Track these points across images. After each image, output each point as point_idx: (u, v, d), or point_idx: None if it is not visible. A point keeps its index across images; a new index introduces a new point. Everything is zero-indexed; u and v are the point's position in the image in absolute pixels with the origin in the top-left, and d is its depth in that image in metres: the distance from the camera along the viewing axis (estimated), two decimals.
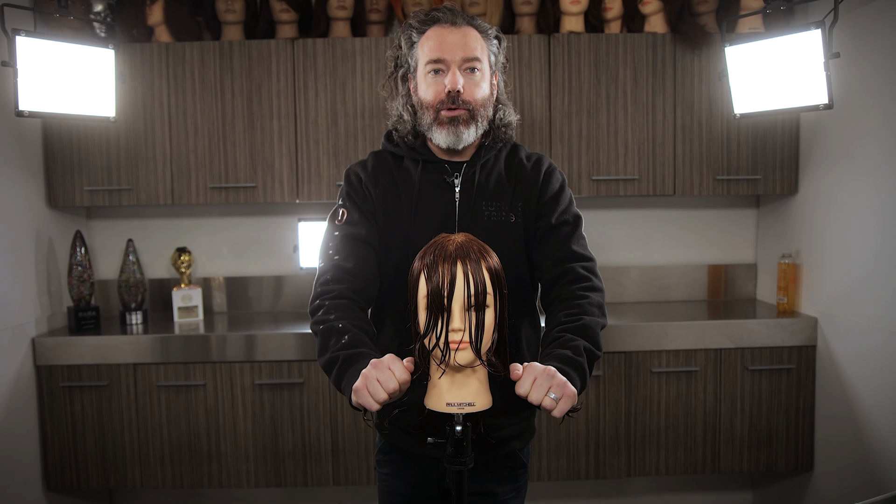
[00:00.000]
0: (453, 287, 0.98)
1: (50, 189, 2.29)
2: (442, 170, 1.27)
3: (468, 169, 1.27)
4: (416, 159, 1.28)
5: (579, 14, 2.26)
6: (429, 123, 1.24)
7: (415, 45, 1.26)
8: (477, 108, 1.23)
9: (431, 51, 1.22)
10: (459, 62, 1.21)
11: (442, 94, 1.21)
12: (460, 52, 1.21)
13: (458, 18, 1.23)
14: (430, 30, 1.24)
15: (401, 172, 1.29)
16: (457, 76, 1.20)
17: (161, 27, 2.27)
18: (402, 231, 1.24)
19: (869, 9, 1.94)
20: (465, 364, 1.00)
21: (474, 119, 1.23)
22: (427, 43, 1.23)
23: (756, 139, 2.31)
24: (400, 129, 1.29)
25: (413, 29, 1.26)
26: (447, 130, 1.22)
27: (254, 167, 2.29)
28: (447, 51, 1.21)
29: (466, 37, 1.22)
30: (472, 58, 1.21)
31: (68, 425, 2.18)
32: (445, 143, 1.23)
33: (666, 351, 2.21)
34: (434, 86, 1.22)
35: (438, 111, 1.22)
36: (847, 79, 1.99)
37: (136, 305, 2.36)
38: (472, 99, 1.22)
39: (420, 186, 1.26)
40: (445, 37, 1.21)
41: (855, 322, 2.06)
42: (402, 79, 1.30)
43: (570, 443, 2.23)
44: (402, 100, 1.30)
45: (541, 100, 2.27)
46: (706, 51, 2.26)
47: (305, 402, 2.20)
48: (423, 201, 1.25)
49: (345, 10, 2.27)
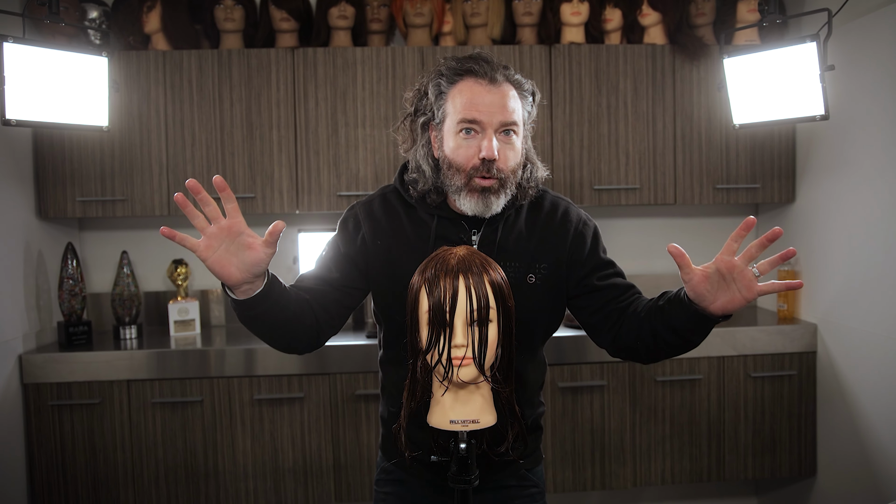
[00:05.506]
0: (455, 301, 0.95)
1: (40, 200, 2.22)
2: (459, 227, 1.18)
3: (488, 227, 1.18)
4: (431, 214, 1.19)
5: (580, 25, 2.28)
6: (458, 187, 1.14)
7: (444, 96, 1.15)
8: (508, 175, 1.14)
9: (465, 109, 1.11)
10: (496, 126, 1.11)
11: (474, 158, 1.11)
12: (498, 115, 1.10)
13: (496, 74, 1.12)
14: (463, 82, 1.13)
15: (413, 223, 1.20)
16: (493, 143, 1.10)
17: (158, 35, 2.23)
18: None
19: (861, 22, 2.00)
20: (468, 380, 0.97)
21: (504, 188, 1.14)
22: (460, 98, 1.12)
23: (754, 149, 2.35)
24: (420, 184, 1.19)
25: (443, 77, 1.15)
26: (477, 199, 1.13)
27: (253, 177, 2.25)
28: (484, 112, 1.10)
29: (504, 97, 1.11)
30: (511, 122, 1.12)
31: (57, 446, 2.09)
32: (472, 211, 1.14)
33: (669, 359, 2.21)
34: (466, 148, 1.12)
35: (471, 177, 1.12)
36: (841, 89, 2.04)
37: (131, 320, 2.29)
38: (505, 167, 1.13)
39: (436, 242, 1.17)
40: (483, 96, 1.11)
41: (853, 328, 2.09)
42: (421, 126, 1.20)
43: (575, 454, 2.21)
44: (423, 150, 1.19)
45: (542, 110, 2.28)
46: (704, 62, 2.29)
47: (306, 417, 2.14)
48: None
49: (346, 20, 2.26)
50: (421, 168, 1.19)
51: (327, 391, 2.14)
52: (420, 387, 1.02)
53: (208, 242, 0.99)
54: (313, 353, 2.08)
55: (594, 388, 2.20)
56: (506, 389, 1.02)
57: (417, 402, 1.03)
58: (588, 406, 2.20)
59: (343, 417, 2.15)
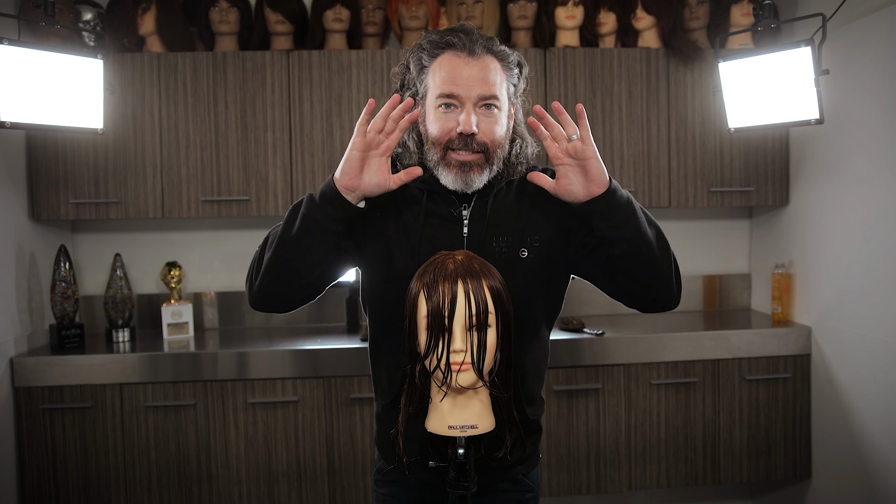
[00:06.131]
0: (454, 307, 0.95)
1: (33, 202, 2.20)
2: (449, 201, 1.16)
3: (479, 201, 1.16)
4: (420, 189, 1.17)
5: (574, 29, 2.29)
6: (435, 161, 1.13)
7: (425, 70, 1.13)
8: (493, 149, 1.11)
9: (444, 83, 1.09)
10: (475, 99, 1.09)
11: (452, 131, 1.10)
12: (476, 89, 1.08)
13: (476, 46, 1.10)
14: (444, 56, 1.11)
15: (405, 200, 1.17)
16: (471, 116, 1.08)
17: (153, 37, 2.22)
18: (404, 264, 1.13)
19: (854, 26, 2.01)
20: (466, 386, 0.97)
21: (489, 162, 1.12)
22: (439, 72, 1.11)
23: (748, 152, 2.35)
24: (405, 158, 1.18)
25: (424, 51, 1.13)
26: (456, 174, 1.11)
27: (247, 180, 2.24)
28: (462, 85, 1.08)
29: (485, 70, 1.09)
30: (490, 95, 1.09)
31: (48, 450, 2.07)
32: (453, 186, 1.13)
33: (664, 362, 2.21)
34: (444, 122, 1.10)
35: (447, 150, 1.11)
36: (833, 92, 2.05)
37: (124, 322, 2.27)
38: (487, 140, 1.10)
39: (426, 218, 1.15)
40: (461, 69, 1.09)
41: (847, 331, 2.09)
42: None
43: (570, 457, 2.21)
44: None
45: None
46: (698, 65, 2.30)
47: (300, 420, 2.13)
48: (429, 234, 1.15)
49: (341, 23, 2.26)
50: (406, 143, 1.18)
51: (322, 394, 2.13)
52: (418, 392, 1.01)
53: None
54: (308, 355, 2.11)
55: (589, 392, 2.19)
56: (504, 395, 1.01)
57: (416, 407, 1.02)
58: (583, 409, 2.20)
59: (337, 421, 2.14)
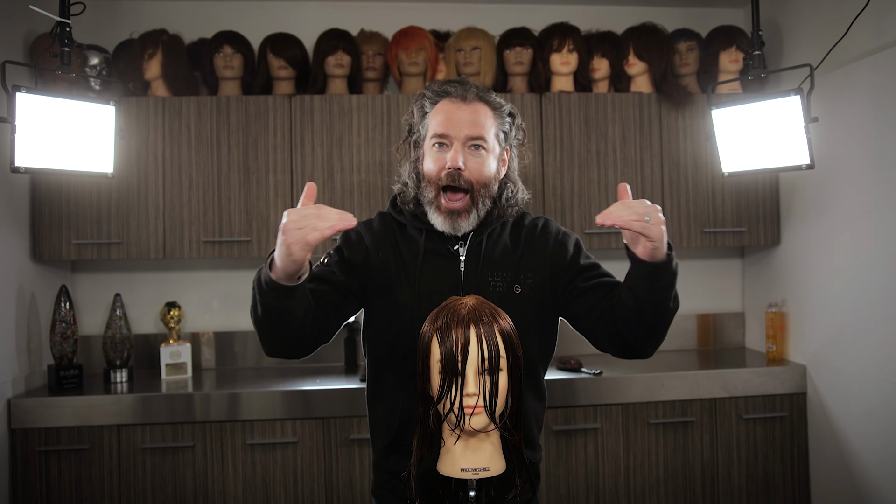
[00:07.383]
0: (467, 351, 0.98)
1: (35, 242, 2.22)
2: (446, 239, 1.26)
3: (474, 238, 1.26)
4: (419, 228, 1.28)
5: (569, 74, 2.36)
6: (429, 200, 1.24)
7: (426, 116, 1.27)
8: (478, 188, 1.22)
9: (438, 125, 1.23)
10: (464, 139, 1.21)
11: (444, 169, 1.21)
12: (466, 130, 1.21)
13: (468, 94, 1.23)
14: (441, 102, 1.25)
15: (405, 239, 1.28)
16: (458, 154, 1.20)
17: (158, 81, 2.27)
18: (405, 299, 1.22)
19: (839, 73, 2.09)
20: (479, 428, 0.99)
21: (474, 204, 1.22)
22: (436, 116, 1.24)
23: (739, 194, 2.41)
24: (403, 195, 1.30)
25: (426, 99, 1.27)
26: (444, 218, 1.22)
27: (249, 221, 2.27)
28: (453, 127, 1.21)
29: (475, 114, 1.22)
30: (477, 136, 1.22)
31: (42, 493, 2.04)
32: (442, 228, 1.24)
33: (662, 402, 2.22)
34: (437, 161, 1.22)
35: (440, 190, 1.22)
36: (821, 136, 2.11)
37: (122, 363, 2.27)
38: (473, 179, 1.21)
39: (425, 255, 1.25)
40: (454, 112, 1.22)
41: (841, 369, 2.12)
42: (413, 145, 1.32)
43: (570, 498, 2.20)
44: (410, 165, 1.31)
45: (533, 155, 2.33)
46: (689, 109, 2.37)
47: (299, 462, 2.12)
48: (428, 271, 1.24)
49: (342, 68, 2.32)
50: (406, 183, 1.30)
51: (321, 435, 2.12)
52: (429, 434, 1.02)
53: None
54: (307, 395, 2.11)
55: (588, 431, 2.20)
56: (515, 437, 1.03)
57: (428, 450, 1.04)
58: (582, 449, 2.20)
59: (336, 462, 2.13)
